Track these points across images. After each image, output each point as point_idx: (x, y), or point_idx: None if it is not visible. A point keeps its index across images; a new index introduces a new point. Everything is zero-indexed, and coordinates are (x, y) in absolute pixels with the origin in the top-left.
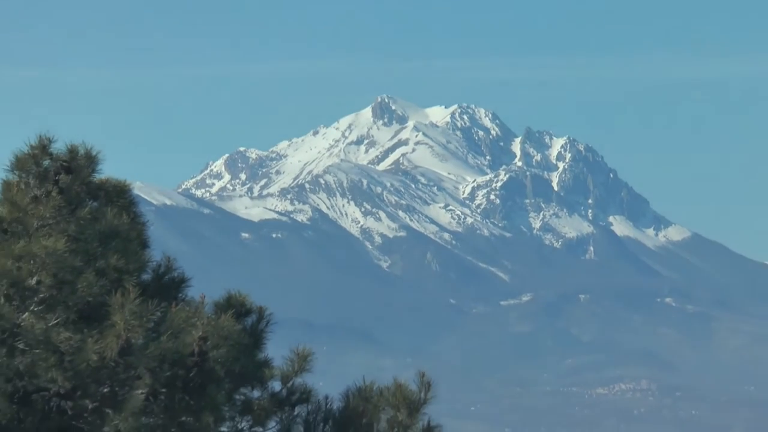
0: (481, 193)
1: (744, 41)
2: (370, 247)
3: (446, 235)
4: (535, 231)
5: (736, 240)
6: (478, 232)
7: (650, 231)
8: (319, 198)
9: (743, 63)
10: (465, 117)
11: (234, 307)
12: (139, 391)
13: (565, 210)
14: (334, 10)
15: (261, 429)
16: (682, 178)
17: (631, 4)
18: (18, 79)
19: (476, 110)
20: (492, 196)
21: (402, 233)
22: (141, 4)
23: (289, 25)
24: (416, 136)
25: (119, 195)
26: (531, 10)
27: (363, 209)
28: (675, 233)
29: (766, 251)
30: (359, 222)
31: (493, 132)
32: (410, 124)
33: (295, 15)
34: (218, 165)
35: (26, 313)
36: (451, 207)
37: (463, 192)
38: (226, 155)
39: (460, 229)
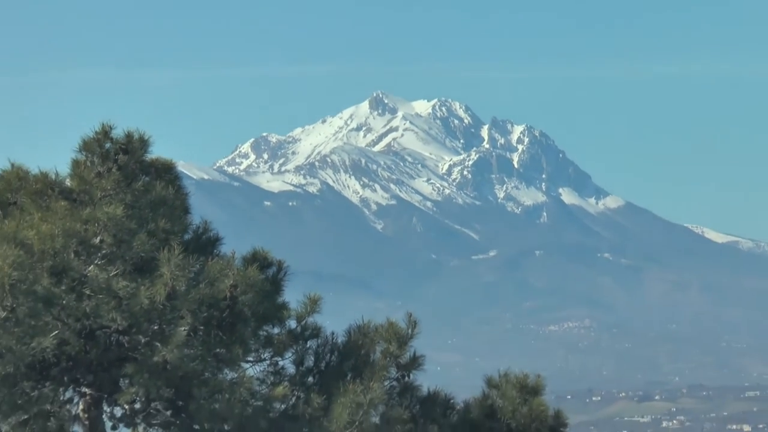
0: (456, 169)
1: (674, 43)
2: (367, 212)
3: (428, 203)
4: (499, 200)
5: (661, 207)
6: (453, 200)
7: (592, 200)
8: (327, 174)
9: (673, 63)
10: (443, 109)
11: (258, 260)
12: (182, 329)
13: (523, 183)
14: (339, 21)
15: (280, 359)
16: (618, 158)
17: (577, 17)
18: (84, 78)
19: (452, 103)
20: (465, 172)
21: (393, 202)
22: (188, 17)
23: (303, 34)
24: (404, 124)
25: (166, 171)
26: (497, 22)
27: (362, 182)
28: (612, 202)
29: (685, 215)
30: (358, 193)
31: (465, 120)
32: (399, 114)
33: (308, 26)
34: (245, 147)
35: (92, 266)
36: (432, 181)
37: (442, 169)
38: (252, 139)
39: (439, 199)
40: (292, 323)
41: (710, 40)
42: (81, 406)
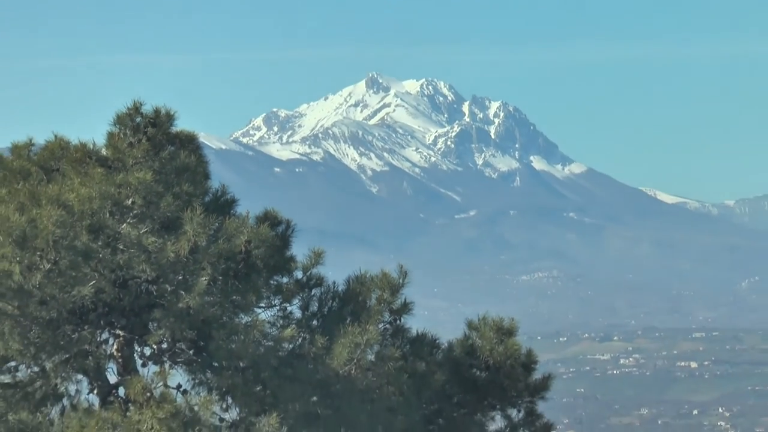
0: (441, 140)
1: (631, 27)
2: (364, 177)
3: (417, 170)
4: (478, 166)
5: (619, 172)
6: (439, 167)
7: (558, 166)
8: (329, 144)
9: (628, 46)
10: (430, 87)
11: (269, 219)
12: (203, 278)
13: (499, 152)
14: (340, 10)
15: (288, 305)
16: (582, 129)
17: (545, 5)
18: (117, 62)
19: (438, 82)
20: (449, 143)
21: (386, 168)
22: (210, 8)
23: (309, 22)
24: (396, 100)
25: (189, 142)
26: (477, 11)
27: (359, 151)
28: (576, 168)
29: (639, 179)
30: (356, 160)
31: (449, 97)
32: (392, 92)
33: (313, 15)
34: (258, 121)
35: (124, 224)
36: (420, 150)
37: (429, 139)
38: (264, 114)
39: (426, 165)
40: (299, 274)
41: (664, 23)
42: (115, 347)
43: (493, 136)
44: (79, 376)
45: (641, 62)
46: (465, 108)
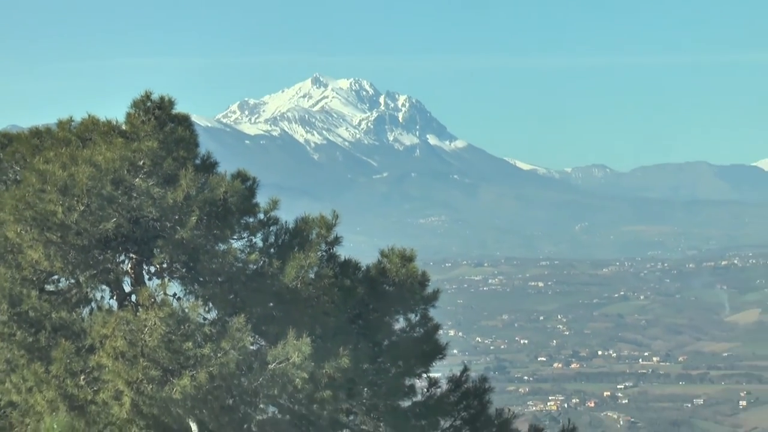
0: (363, 122)
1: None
2: (309, 149)
3: (346, 143)
4: (390, 141)
5: (490, 146)
6: (362, 142)
7: (447, 142)
8: (284, 124)
9: (499, 57)
10: (357, 84)
11: (241, 177)
12: (193, 218)
13: (405, 131)
14: (295, 28)
15: (253, 237)
16: (464, 116)
17: (439, 18)
18: (132, 63)
19: (362, 81)
20: (369, 124)
21: (324, 142)
22: (205, 19)
23: (272, 36)
24: (332, 93)
25: (184, 120)
26: (389, 28)
27: (305, 129)
28: (459, 144)
29: (504, 152)
30: (303, 136)
31: (370, 92)
32: (330, 87)
33: (275, 32)
34: (234, 107)
35: (137, 179)
36: (349, 129)
37: (355, 122)
38: (238, 101)
39: (353, 140)
40: (261, 215)
41: (524, 34)
42: (129, 266)
43: (400, 120)
44: (103, 287)
45: (506, 68)
46: (381, 100)
